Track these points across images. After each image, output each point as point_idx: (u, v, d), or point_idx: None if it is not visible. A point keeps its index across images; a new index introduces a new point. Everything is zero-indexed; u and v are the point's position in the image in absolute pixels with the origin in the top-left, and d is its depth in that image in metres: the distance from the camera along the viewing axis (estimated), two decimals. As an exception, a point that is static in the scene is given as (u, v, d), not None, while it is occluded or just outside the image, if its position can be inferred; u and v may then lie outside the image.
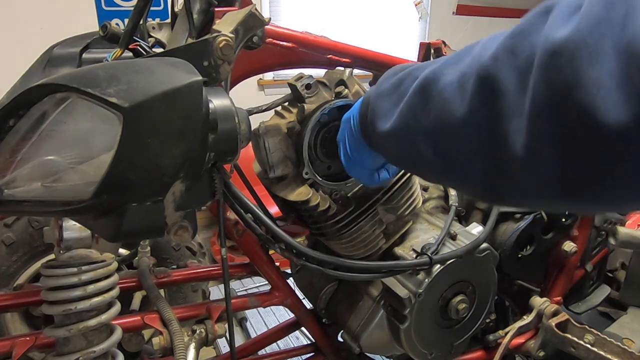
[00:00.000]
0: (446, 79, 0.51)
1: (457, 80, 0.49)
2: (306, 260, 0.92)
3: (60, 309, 0.78)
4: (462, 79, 0.49)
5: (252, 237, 1.05)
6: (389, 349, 1.18)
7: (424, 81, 0.55)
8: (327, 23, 4.29)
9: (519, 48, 0.43)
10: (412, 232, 1.14)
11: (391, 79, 0.65)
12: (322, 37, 0.94)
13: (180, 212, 0.67)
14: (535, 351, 1.34)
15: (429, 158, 0.56)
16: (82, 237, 0.84)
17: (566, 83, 0.36)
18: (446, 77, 0.52)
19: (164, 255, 1.78)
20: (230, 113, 0.67)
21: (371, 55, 0.98)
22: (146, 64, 0.63)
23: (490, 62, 0.45)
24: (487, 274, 1.14)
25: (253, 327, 2.21)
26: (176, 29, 0.91)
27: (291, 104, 1.01)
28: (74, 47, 1.01)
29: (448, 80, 0.51)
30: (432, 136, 0.54)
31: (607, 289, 1.72)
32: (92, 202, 0.58)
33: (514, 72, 0.42)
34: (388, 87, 0.64)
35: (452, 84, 0.50)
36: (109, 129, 0.56)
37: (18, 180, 0.61)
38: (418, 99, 0.56)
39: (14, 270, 1.59)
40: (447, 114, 0.50)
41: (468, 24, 4.85)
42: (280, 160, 0.97)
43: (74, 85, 0.56)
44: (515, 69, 0.42)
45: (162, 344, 0.93)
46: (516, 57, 0.42)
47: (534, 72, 0.40)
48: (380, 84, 0.68)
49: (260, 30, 0.80)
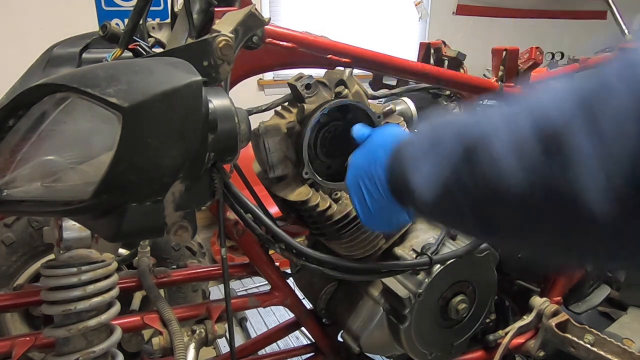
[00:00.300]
0: (496, 140, 0.44)
1: (512, 140, 0.43)
2: (306, 260, 0.92)
3: (60, 309, 0.78)
4: (518, 138, 0.42)
5: (252, 237, 1.05)
6: (389, 349, 1.18)
7: (469, 143, 0.48)
8: (326, 23, 4.29)
9: (601, 101, 0.37)
10: (412, 232, 1.13)
11: (425, 134, 0.58)
12: (322, 37, 0.94)
13: (180, 212, 0.67)
14: (535, 351, 1.33)
15: (478, 225, 0.51)
16: (81, 237, 0.84)
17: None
18: (495, 137, 0.45)
19: (164, 255, 1.78)
20: (230, 113, 0.67)
21: (371, 56, 0.98)
22: (146, 64, 0.63)
23: (560, 118, 0.39)
24: (487, 274, 1.14)
25: (253, 327, 2.21)
26: (176, 29, 0.91)
27: (291, 104, 1.01)
28: (73, 47, 1.01)
29: (499, 141, 0.44)
30: (483, 205, 0.48)
31: (607, 288, 1.72)
32: (92, 202, 0.58)
33: (591, 126, 0.37)
34: (424, 145, 0.57)
35: (506, 145, 0.43)
36: (109, 129, 0.56)
37: (18, 180, 0.61)
38: (463, 164, 0.49)
39: (14, 270, 1.59)
40: (501, 180, 0.43)
41: (468, 24, 4.86)
42: (280, 160, 0.97)
43: (74, 85, 0.56)
44: (595, 121, 0.36)
45: (162, 344, 0.93)
46: (598, 112, 0.37)
47: (623, 121, 0.35)
48: (412, 139, 0.61)
49: (260, 30, 0.79)
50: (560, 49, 4.72)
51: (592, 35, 5.33)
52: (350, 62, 0.95)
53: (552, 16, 5.36)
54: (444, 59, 1.28)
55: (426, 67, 1.10)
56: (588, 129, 0.36)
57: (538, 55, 1.17)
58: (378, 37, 4.52)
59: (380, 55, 0.99)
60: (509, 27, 5.11)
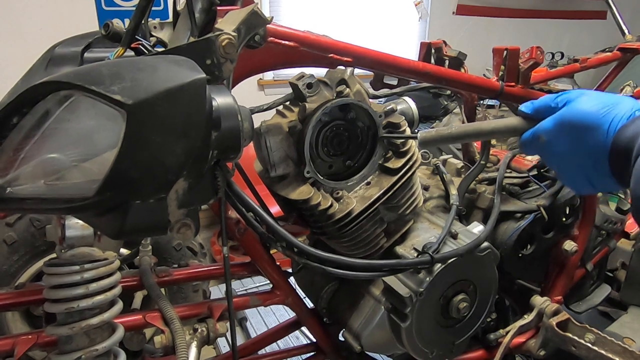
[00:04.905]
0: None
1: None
2: (307, 259, 0.92)
3: (63, 307, 0.78)
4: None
5: (253, 236, 1.05)
6: (390, 347, 1.18)
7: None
8: (327, 23, 4.30)
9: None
10: (413, 231, 1.14)
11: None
12: (323, 36, 0.94)
13: (183, 210, 0.67)
14: (536, 350, 1.34)
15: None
16: (84, 235, 0.84)
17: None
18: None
19: (165, 255, 1.78)
20: (233, 111, 0.67)
21: (372, 55, 0.98)
22: (150, 62, 0.63)
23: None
24: (488, 273, 1.15)
25: (253, 326, 2.22)
26: (178, 28, 0.91)
27: (292, 103, 1.02)
28: (75, 46, 1.01)
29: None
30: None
31: (607, 288, 1.73)
32: (95, 200, 0.58)
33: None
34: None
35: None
36: (113, 127, 0.57)
37: (21, 178, 0.61)
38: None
39: (16, 270, 1.59)
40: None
41: (468, 24, 4.86)
42: (281, 159, 0.97)
43: (78, 82, 0.56)
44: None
45: (163, 343, 0.93)
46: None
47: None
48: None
49: (262, 29, 0.80)
50: (560, 49, 4.73)
51: (592, 35, 5.34)
52: (351, 61, 0.95)
53: (552, 16, 5.36)
54: (444, 59, 1.28)
55: (427, 66, 1.10)
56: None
57: (539, 54, 1.17)
58: (378, 36, 4.53)
59: (381, 54, 0.99)
60: (509, 27, 5.11)
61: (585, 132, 0.64)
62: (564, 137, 0.67)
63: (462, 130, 0.79)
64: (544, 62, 1.23)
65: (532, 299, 1.34)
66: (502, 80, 1.20)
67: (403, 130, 1.03)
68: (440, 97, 3.70)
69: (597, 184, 0.68)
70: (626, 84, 1.52)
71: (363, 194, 1.02)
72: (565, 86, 4.38)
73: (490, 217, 1.17)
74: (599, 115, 0.63)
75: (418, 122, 1.22)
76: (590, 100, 0.65)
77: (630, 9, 4.86)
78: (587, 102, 0.65)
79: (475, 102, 1.46)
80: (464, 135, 0.80)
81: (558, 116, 0.68)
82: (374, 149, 1.04)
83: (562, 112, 0.68)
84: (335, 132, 1.00)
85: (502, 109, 4.06)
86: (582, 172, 0.67)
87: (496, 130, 0.76)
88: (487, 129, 0.77)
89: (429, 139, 0.81)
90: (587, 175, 0.67)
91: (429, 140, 0.81)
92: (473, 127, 0.79)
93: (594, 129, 0.63)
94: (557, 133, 0.68)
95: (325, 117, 0.97)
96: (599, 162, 0.64)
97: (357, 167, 1.05)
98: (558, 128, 0.68)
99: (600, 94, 0.67)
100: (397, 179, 1.02)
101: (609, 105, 0.63)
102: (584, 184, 0.69)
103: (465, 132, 0.79)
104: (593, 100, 0.65)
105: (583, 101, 0.66)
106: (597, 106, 0.64)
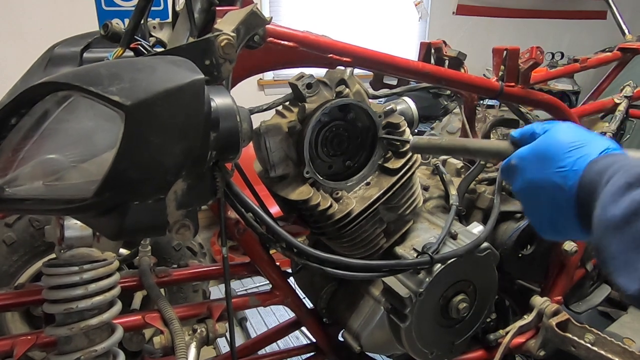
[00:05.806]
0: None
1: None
2: (307, 260, 0.92)
3: (62, 308, 0.78)
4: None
5: (253, 237, 1.05)
6: (389, 348, 1.18)
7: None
8: (327, 23, 4.30)
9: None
10: (413, 231, 1.14)
11: (621, 200, 0.49)
12: (323, 36, 0.94)
13: (181, 211, 0.67)
14: (536, 350, 1.34)
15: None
16: (83, 236, 0.84)
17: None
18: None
19: (165, 255, 1.78)
20: (232, 111, 0.67)
21: (372, 55, 0.98)
22: (148, 62, 0.63)
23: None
24: (487, 274, 1.15)
25: (253, 327, 2.21)
26: (177, 28, 0.91)
27: (292, 104, 1.02)
28: (74, 46, 1.01)
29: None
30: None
31: (607, 288, 1.72)
32: (94, 201, 0.58)
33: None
34: (618, 218, 0.48)
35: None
36: (111, 127, 0.57)
37: (20, 179, 0.61)
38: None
39: (15, 270, 1.59)
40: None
41: (468, 24, 4.86)
42: (281, 160, 0.97)
43: (77, 83, 0.56)
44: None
45: (163, 343, 0.93)
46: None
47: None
48: (606, 202, 0.51)
49: (262, 29, 0.80)
50: (560, 49, 4.73)
51: (592, 35, 5.33)
52: (351, 61, 0.95)
53: (552, 16, 5.36)
54: (444, 59, 1.28)
55: (427, 66, 1.10)
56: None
57: (539, 54, 1.17)
58: (378, 36, 4.53)
59: (381, 54, 0.99)
60: (509, 27, 5.11)
61: (551, 163, 0.61)
62: (534, 166, 0.63)
63: (451, 144, 0.80)
64: (544, 62, 1.23)
65: (532, 299, 1.34)
66: (502, 80, 1.19)
67: (403, 130, 1.03)
68: (440, 97, 3.69)
69: (561, 227, 0.63)
70: (626, 84, 1.52)
71: (363, 195, 1.02)
72: (565, 86, 4.39)
73: (490, 217, 1.17)
74: (569, 146, 0.60)
75: (418, 122, 1.21)
76: (568, 132, 0.62)
77: (630, 9, 4.86)
78: (563, 133, 0.62)
79: (475, 102, 1.46)
80: (452, 148, 0.81)
81: (533, 144, 0.65)
82: (374, 149, 1.04)
83: (537, 141, 0.65)
84: (334, 132, 1.00)
85: (502, 109, 4.06)
86: (547, 210, 0.63)
87: (482, 150, 0.76)
88: (473, 147, 0.77)
89: (421, 145, 0.83)
90: (551, 217, 0.63)
91: (420, 147, 0.84)
92: (461, 143, 0.80)
93: (561, 160, 0.60)
94: (528, 162, 0.65)
95: (325, 117, 0.97)
96: (564, 200, 0.59)
97: (356, 167, 1.05)
98: (530, 157, 0.64)
99: (581, 129, 0.64)
100: (397, 179, 1.02)
101: (584, 140, 0.60)
102: (547, 225, 0.65)
103: (453, 146, 0.80)
104: (570, 132, 0.62)
105: (560, 131, 0.63)
106: (571, 138, 0.61)
